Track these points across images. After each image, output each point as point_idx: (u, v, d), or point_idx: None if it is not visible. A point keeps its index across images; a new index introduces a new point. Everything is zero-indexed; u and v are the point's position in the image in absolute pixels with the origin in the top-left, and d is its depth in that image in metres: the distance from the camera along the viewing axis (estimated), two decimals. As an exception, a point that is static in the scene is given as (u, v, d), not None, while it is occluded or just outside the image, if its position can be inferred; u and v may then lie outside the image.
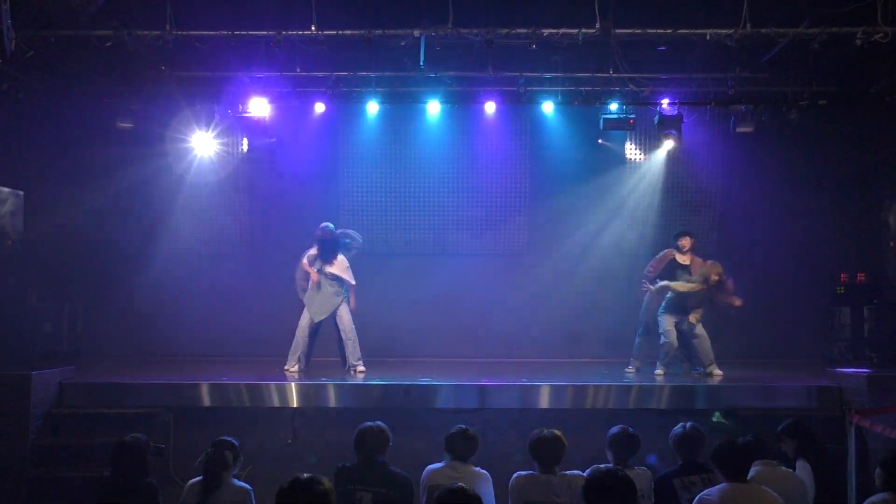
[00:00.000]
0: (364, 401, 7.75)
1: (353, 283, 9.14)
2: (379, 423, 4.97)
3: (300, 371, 9.00)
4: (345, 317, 9.14)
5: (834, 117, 10.21)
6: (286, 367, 9.05)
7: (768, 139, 10.42)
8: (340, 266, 9.09)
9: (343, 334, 9.17)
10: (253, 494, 4.89)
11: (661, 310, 9.16)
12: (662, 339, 9.04)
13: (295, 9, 8.28)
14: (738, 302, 8.88)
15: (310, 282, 9.09)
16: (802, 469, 5.36)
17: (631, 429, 5.10)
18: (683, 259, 9.28)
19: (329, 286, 9.08)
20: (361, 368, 9.07)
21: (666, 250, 9.42)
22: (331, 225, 9.20)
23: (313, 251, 9.14)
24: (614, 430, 5.11)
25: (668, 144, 10.20)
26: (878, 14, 7.65)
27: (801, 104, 9.67)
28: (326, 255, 9.08)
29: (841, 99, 9.86)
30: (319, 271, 9.06)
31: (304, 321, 9.12)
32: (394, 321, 10.39)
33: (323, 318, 9.11)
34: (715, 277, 8.78)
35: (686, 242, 9.33)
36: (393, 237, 11.10)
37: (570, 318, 10.96)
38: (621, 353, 9.57)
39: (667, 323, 9.03)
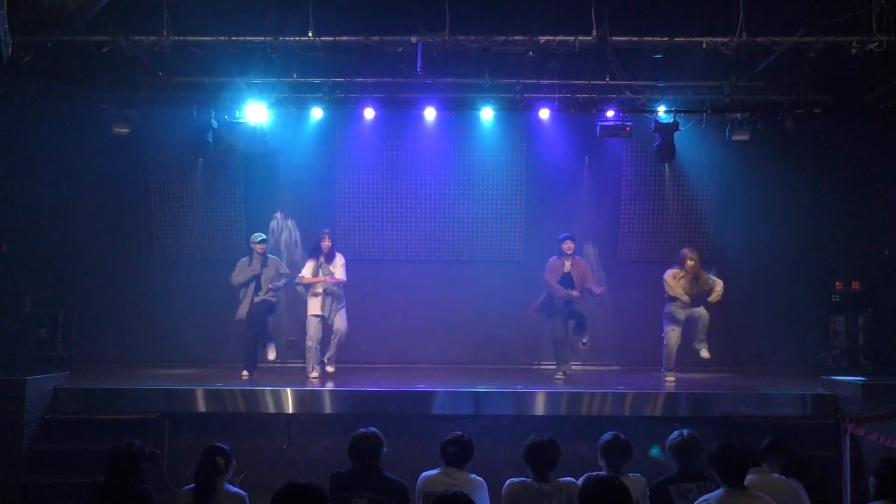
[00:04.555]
0: (359, 407, 7.74)
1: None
2: (373, 429, 4.95)
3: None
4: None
5: (829, 126, 10.26)
6: (313, 376, 8.97)
7: (763, 147, 10.46)
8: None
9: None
10: (248, 500, 4.87)
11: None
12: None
13: (292, 15, 8.30)
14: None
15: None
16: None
17: (622, 435, 5.07)
18: (568, 265, 9.29)
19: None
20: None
21: (556, 260, 9.33)
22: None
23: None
24: (606, 436, 5.07)
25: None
26: (872, 23, 7.69)
27: (796, 112, 9.72)
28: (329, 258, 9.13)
29: (836, 108, 9.91)
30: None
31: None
32: (389, 327, 10.39)
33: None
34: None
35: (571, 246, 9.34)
36: (389, 243, 11.10)
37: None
38: (614, 360, 9.56)
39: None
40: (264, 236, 9.34)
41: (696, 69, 9.33)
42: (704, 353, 8.83)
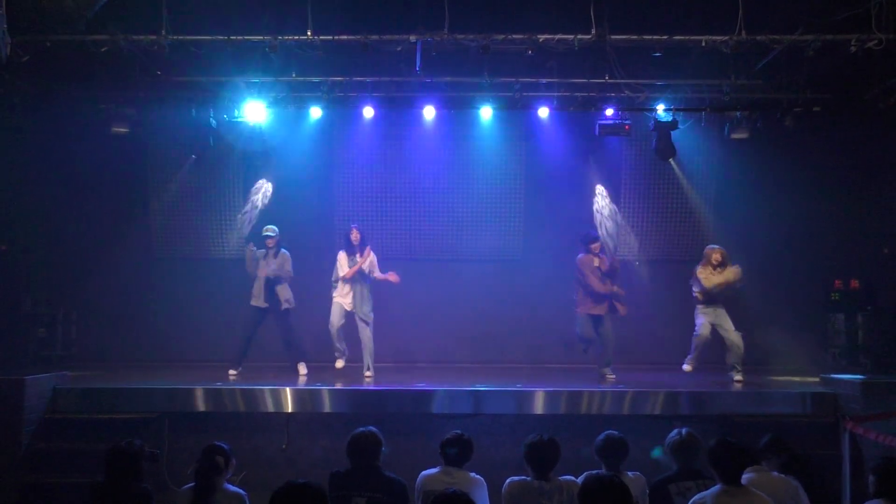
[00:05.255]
0: (359, 406, 7.75)
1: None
2: (371, 428, 4.95)
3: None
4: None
5: (828, 124, 10.24)
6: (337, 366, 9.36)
7: (763, 145, 10.43)
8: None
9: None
10: (248, 499, 4.87)
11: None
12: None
13: (291, 14, 8.30)
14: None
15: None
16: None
17: (616, 433, 5.07)
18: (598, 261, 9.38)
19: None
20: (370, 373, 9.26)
21: (585, 257, 9.37)
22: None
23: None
24: (600, 437, 5.08)
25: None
26: (871, 21, 7.69)
27: (795, 111, 9.70)
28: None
29: (835, 106, 9.90)
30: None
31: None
32: (388, 326, 10.36)
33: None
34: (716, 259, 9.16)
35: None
36: (388, 242, 11.08)
37: (565, 324, 10.94)
38: (613, 358, 9.54)
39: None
40: (275, 230, 9.38)
41: (695, 67, 9.32)
42: (739, 377, 8.83)
